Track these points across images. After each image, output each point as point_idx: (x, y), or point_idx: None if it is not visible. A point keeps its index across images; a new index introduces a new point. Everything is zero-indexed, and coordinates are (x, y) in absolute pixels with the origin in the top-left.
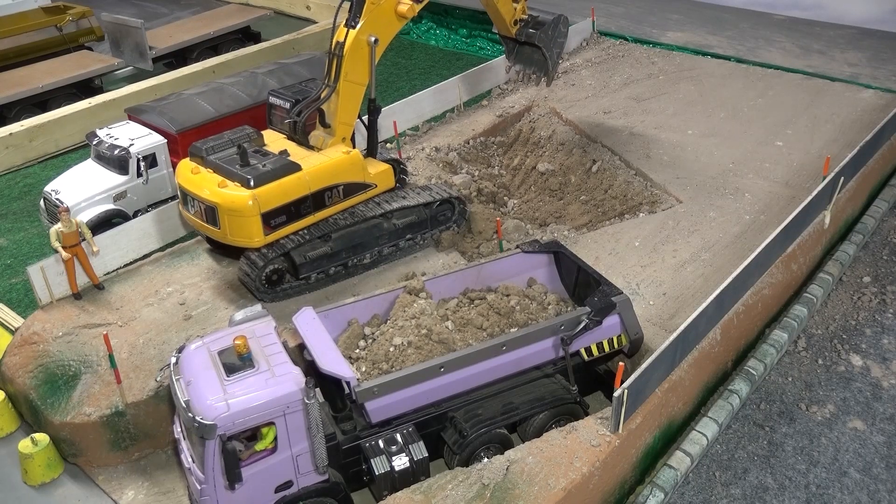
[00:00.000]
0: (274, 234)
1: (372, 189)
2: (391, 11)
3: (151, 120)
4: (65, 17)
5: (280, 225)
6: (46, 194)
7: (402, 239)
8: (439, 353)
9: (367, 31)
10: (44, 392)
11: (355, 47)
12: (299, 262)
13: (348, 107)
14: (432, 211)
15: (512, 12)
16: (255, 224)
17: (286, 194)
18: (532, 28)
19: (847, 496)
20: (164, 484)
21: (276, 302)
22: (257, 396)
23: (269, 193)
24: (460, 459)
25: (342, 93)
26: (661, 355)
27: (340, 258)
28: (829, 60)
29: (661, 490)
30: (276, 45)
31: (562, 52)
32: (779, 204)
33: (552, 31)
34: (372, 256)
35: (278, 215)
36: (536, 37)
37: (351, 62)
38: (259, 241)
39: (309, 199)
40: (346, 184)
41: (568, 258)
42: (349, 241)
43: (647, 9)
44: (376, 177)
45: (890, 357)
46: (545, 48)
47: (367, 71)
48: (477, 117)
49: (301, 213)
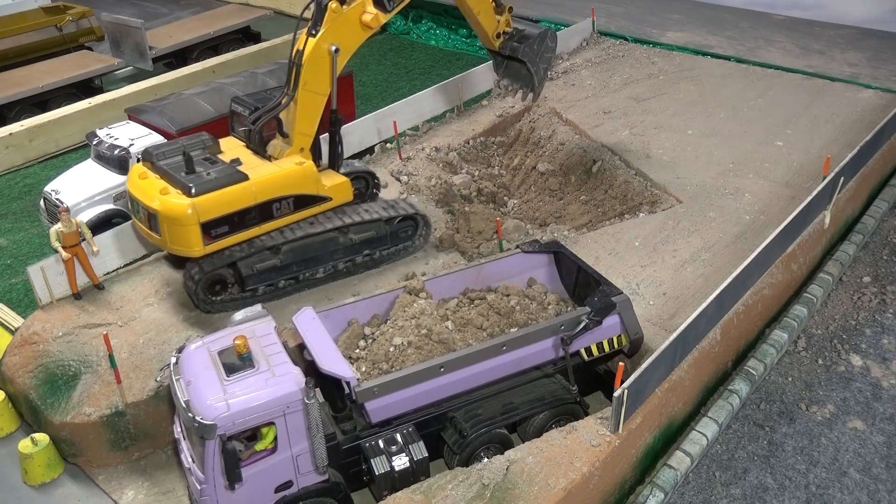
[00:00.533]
0: (214, 245)
1: (327, 202)
2: (355, 21)
3: (151, 120)
4: (65, 17)
5: (221, 235)
6: (46, 194)
7: (359, 254)
8: (439, 353)
9: (328, 39)
10: (44, 392)
11: (315, 56)
12: (246, 273)
13: (307, 117)
14: (393, 227)
15: (494, 25)
16: (195, 233)
17: (229, 204)
18: (517, 42)
19: (847, 496)
20: (164, 484)
21: (221, 313)
22: (257, 396)
23: (209, 203)
24: (460, 459)
25: (300, 102)
26: (661, 355)
27: (291, 271)
28: (829, 60)
29: (661, 490)
30: (276, 45)
31: (549, 67)
32: (779, 204)
33: (538, 46)
34: (326, 271)
35: (219, 225)
36: (521, 51)
37: (310, 71)
38: (198, 252)
39: (254, 210)
40: (297, 196)
41: (568, 258)
42: (301, 254)
43: (647, 9)
44: (332, 189)
45: (890, 357)
46: (530, 63)
47: (327, 81)
48: (477, 117)
49: (245, 223)
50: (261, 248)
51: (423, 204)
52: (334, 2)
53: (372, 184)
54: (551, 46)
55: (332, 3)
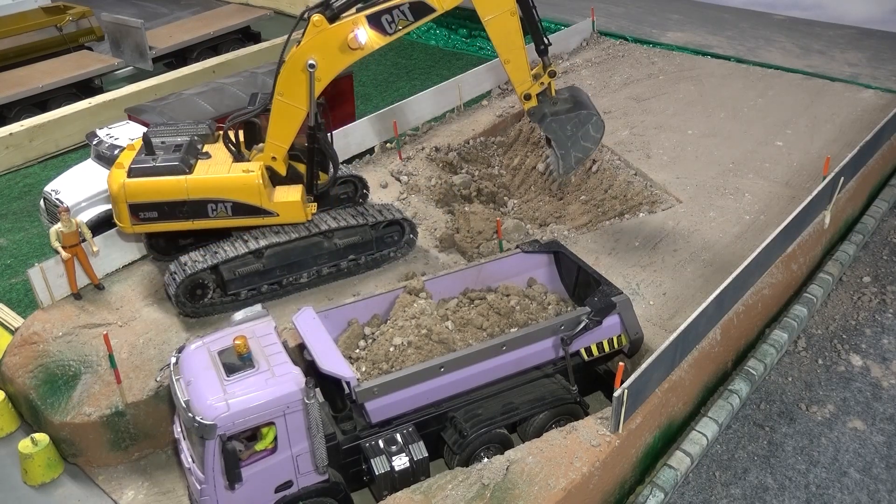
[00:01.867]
0: (142, 227)
1: (272, 217)
2: (339, 41)
3: (151, 120)
4: (65, 17)
5: (150, 220)
6: (46, 194)
7: (343, 259)
8: (439, 353)
9: (306, 52)
10: (44, 392)
11: (291, 66)
12: (228, 277)
13: (278, 126)
14: (378, 232)
15: (527, 84)
16: (123, 211)
17: (158, 193)
18: (551, 112)
19: (847, 496)
20: (164, 484)
21: (204, 317)
22: (257, 396)
23: (138, 187)
24: (460, 459)
25: (273, 110)
26: (661, 355)
27: (274, 276)
28: (829, 60)
29: (661, 490)
30: (276, 45)
31: (585, 158)
32: (779, 204)
33: (573, 129)
34: (310, 276)
35: (148, 210)
36: (547, 125)
37: (285, 81)
38: (128, 229)
39: (186, 204)
40: (235, 203)
41: (568, 258)
42: (283, 258)
43: (647, 9)
44: (280, 206)
45: (890, 357)
46: (557, 145)
47: (304, 96)
48: (477, 117)
49: (175, 215)
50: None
51: (423, 203)
52: (318, 15)
53: (360, 188)
54: (594, 136)
55: (314, 17)
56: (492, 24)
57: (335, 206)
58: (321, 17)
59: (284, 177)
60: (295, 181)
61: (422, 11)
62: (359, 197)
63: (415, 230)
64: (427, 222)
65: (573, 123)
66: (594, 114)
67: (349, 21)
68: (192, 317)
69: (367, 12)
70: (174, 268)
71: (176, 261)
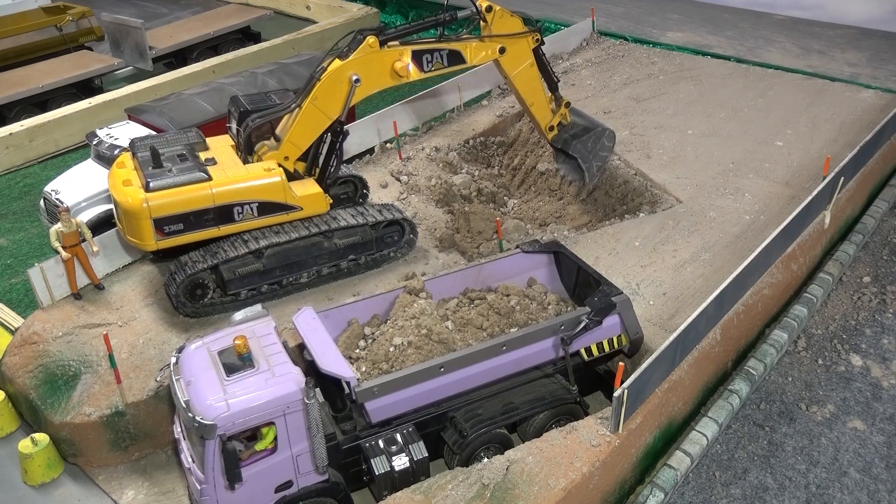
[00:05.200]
0: (167, 242)
1: (297, 211)
2: (387, 65)
3: (151, 120)
4: (65, 17)
5: (175, 233)
6: (46, 194)
7: (343, 259)
8: (439, 353)
9: (352, 67)
10: (44, 392)
11: (334, 77)
12: (228, 277)
13: (303, 129)
14: (378, 232)
15: (548, 118)
16: (147, 227)
17: (184, 203)
18: (571, 135)
19: (847, 496)
20: (164, 484)
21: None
22: (257, 396)
23: (164, 200)
24: (460, 459)
25: (304, 113)
26: (661, 355)
27: (274, 276)
28: (829, 60)
29: (661, 490)
30: (276, 45)
31: (603, 165)
32: (779, 204)
33: (592, 144)
34: (310, 276)
35: (174, 223)
36: (572, 146)
37: (324, 89)
38: (151, 246)
39: (212, 211)
40: (262, 202)
41: (568, 258)
42: (283, 258)
43: (647, 9)
44: (303, 200)
45: (890, 357)
46: (582, 160)
47: (338, 106)
48: (477, 117)
49: (202, 224)
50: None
51: (423, 203)
52: (373, 37)
53: (360, 188)
54: (608, 146)
55: (370, 38)
56: (518, 78)
57: (335, 206)
58: (375, 39)
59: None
60: (293, 180)
61: (455, 60)
62: (359, 197)
63: (415, 230)
64: (427, 222)
65: (592, 140)
66: (606, 128)
67: (397, 51)
68: (192, 317)
69: (413, 47)
70: (174, 268)
71: (176, 261)
